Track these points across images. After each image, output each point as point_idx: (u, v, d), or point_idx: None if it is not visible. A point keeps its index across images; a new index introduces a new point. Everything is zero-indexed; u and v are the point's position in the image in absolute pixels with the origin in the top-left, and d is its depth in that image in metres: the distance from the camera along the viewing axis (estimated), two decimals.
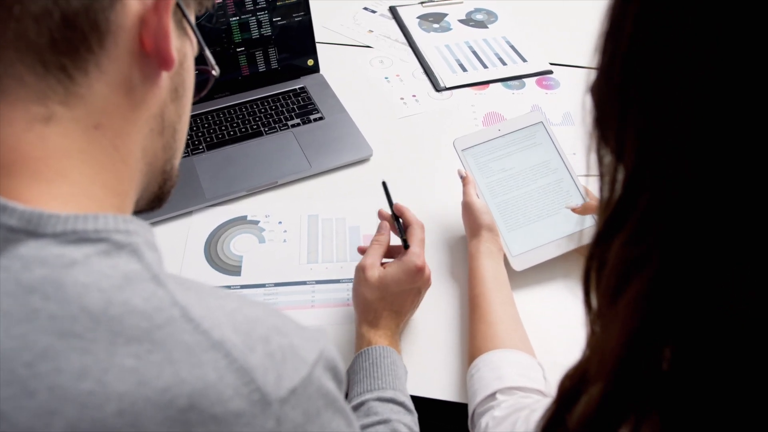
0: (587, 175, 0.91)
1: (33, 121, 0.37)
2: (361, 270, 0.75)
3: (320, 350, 0.39)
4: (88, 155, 0.39)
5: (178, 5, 0.41)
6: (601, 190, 0.36)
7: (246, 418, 0.34)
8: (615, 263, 0.35)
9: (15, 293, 0.33)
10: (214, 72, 0.46)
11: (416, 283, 0.74)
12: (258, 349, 0.36)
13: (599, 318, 0.38)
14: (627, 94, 0.33)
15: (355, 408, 0.67)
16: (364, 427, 0.65)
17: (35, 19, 0.35)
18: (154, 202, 0.49)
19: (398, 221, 0.80)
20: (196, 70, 0.47)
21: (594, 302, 0.38)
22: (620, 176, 0.35)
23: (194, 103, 0.48)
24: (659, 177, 0.31)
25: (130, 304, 0.34)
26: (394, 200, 0.81)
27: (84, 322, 0.33)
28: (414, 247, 0.75)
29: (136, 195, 0.45)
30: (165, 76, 0.42)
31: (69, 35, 0.36)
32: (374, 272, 0.74)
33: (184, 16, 0.43)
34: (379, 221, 0.81)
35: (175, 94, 0.44)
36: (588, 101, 0.36)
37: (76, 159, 0.38)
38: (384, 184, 0.82)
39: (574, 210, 0.84)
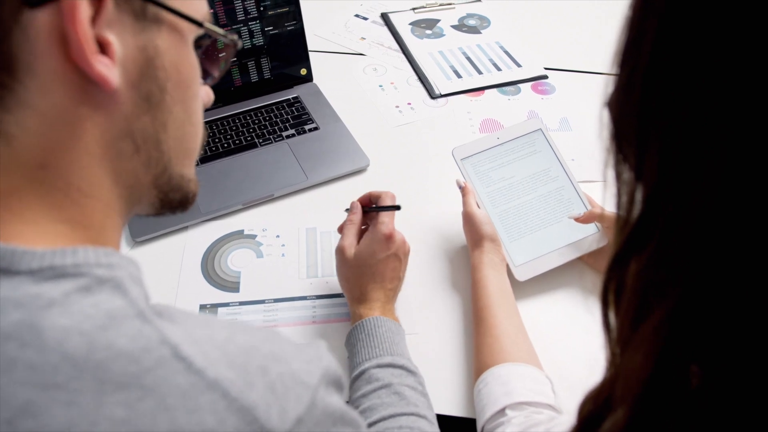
0: (588, 182, 0.91)
1: None
2: (340, 252, 0.77)
3: (323, 369, 0.38)
4: (40, 195, 0.35)
5: None
6: (619, 207, 0.35)
7: None
8: (635, 287, 0.34)
9: None
10: (235, 42, 0.41)
11: (390, 250, 0.76)
12: (257, 383, 0.34)
13: (620, 340, 0.37)
14: (648, 110, 0.32)
15: (356, 377, 0.68)
16: (367, 393, 0.65)
17: None
18: (167, 210, 0.45)
19: (371, 207, 0.81)
20: (204, 46, 0.42)
21: (613, 323, 0.37)
22: (639, 194, 0.34)
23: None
24: (681, 195, 0.30)
25: (115, 346, 0.31)
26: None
27: (66, 370, 0.30)
28: (381, 217, 0.77)
29: (125, 218, 0.42)
30: (122, 90, 0.36)
31: None
32: (352, 251, 0.77)
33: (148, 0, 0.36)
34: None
35: (147, 104, 0.38)
36: (605, 115, 0.35)
37: (26, 199, 0.35)
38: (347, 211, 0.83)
39: (576, 219, 0.83)
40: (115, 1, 0.34)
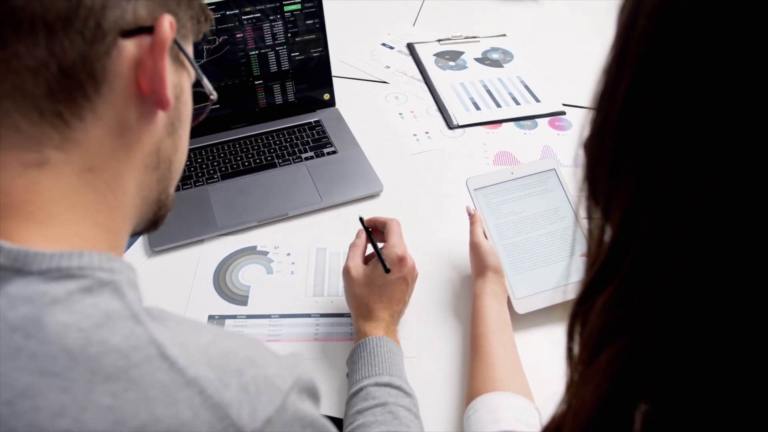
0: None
1: (27, 167, 0.38)
2: (346, 272, 0.81)
3: (295, 377, 0.41)
4: (81, 196, 0.40)
5: (174, 40, 0.42)
6: (589, 246, 0.37)
7: None
8: (594, 325, 0.35)
9: (0, 331, 0.34)
10: (212, 97, 0.47)
11: (401, 272, 0.79)
12: (232, 383, 0.37)
13: (576, 373, 0.38)
14: (618, 159, 0.33)
15: (354, 394, 0.70)
16: (363, 410, 0.68)
17: (32, 71, 0.37)
18: (149, 227, 0.50)
19: (372, 241, 0.83)
20: (195, 91, 0.49)
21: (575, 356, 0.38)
22: (607, 236, 0.35)
23: (199, 134, 0.49)
24: (643, 242, 0.31)
25: (108, 342, 0.35)
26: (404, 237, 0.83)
27: (63, 361, 0.34)
28: (393, 239, 0.80)
29: (132, 226, 0.46)
30: (161, 114, 0.44)
31: (66, 84, 0.38)
32: (359, 270, 0.80)
33: (181, 49, 0.44)
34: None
35: (171, 129, 0.46)
36: (581, 155, 0.37)
37: (68, 201, 0.40)
38: (360, 219, 0.86)
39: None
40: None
